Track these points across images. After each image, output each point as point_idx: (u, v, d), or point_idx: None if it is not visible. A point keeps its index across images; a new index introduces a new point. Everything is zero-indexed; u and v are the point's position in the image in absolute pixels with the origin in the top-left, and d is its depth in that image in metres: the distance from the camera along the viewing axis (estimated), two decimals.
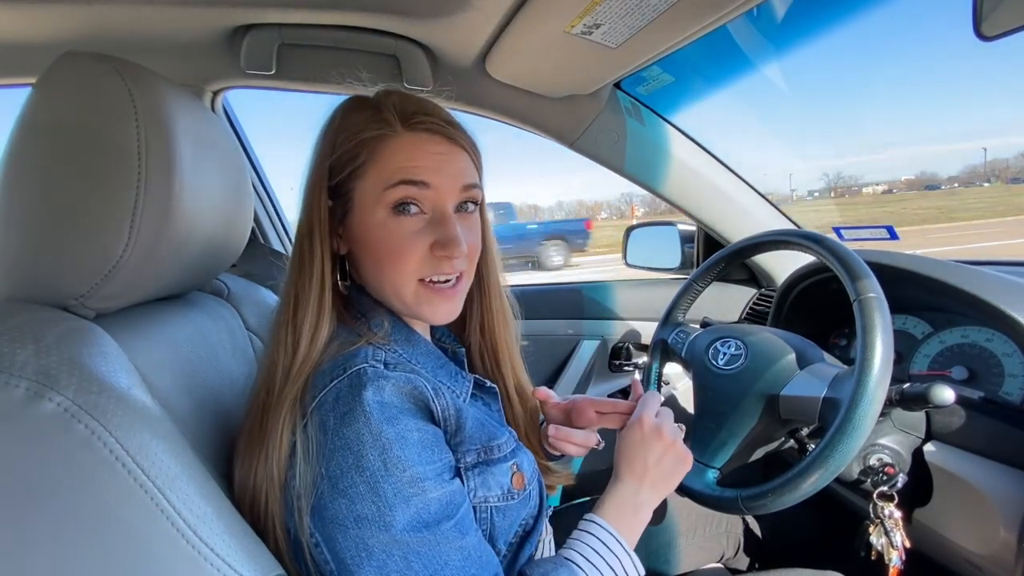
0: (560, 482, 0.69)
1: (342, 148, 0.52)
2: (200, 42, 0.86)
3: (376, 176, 0.51)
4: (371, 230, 0.52)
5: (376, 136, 0.51)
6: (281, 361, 0.49)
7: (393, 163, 0.51)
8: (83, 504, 0.35)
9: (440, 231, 0.52)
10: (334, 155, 0.52)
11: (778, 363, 0.72)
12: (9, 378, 0.34)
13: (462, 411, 0.51)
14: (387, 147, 0.51)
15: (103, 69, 0.44)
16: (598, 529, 0.54)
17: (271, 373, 0.49)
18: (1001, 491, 0.65)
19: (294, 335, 0.49)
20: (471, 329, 0.66)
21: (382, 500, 0.42)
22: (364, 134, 0.51)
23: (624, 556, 0.54)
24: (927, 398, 0.61)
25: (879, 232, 1.04)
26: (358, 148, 0.51)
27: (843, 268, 0.68)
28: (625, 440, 0.60)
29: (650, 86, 1.06)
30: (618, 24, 0.70)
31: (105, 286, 0.44)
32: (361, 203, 0.52)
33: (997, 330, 0.77)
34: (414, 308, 0.54)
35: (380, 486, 0.43)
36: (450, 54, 0.89)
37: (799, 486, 0.61)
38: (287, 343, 0.49)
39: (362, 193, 0.52)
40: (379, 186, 0.51)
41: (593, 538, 0.54)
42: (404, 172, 0.50)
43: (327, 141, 0.53)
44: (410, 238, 0.51)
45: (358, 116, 0.53)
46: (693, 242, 1.36)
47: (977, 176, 43.14)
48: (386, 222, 0.51)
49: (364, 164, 0.51)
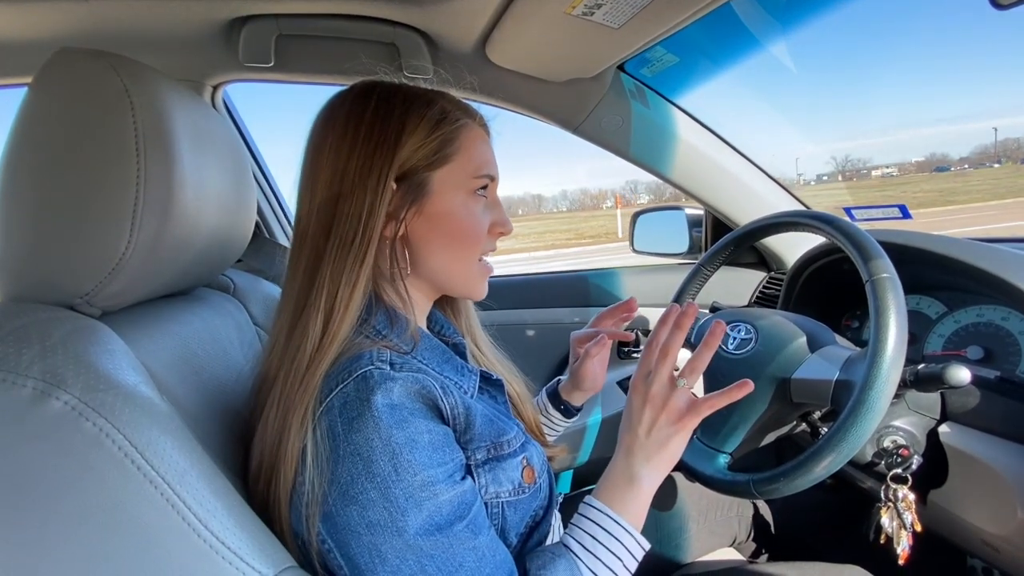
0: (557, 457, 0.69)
1: (421, 135, 0.52)
2: (197, 36, 0.85)
3: (462, 165, 0.54)
4: (453, 212, 0.54)
5: (461, 126, 0.55)
6: (308, 344, 0.47)
7: (478, 155, 0.56)
8: (94, 502, 0.35)
9: (497, 213, 0.59)
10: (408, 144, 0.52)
11: (789, 346, 0.71)
12: (16, 378, 0.34)
13: (471, 408, 0.51)
14: (470, 137, 0.55)
15: (98, 66, 0.44)
16: (593, 512, 0.53)
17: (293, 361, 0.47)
18: (1018, 471, 0.65)
19: (327, 317, 0.48)
20: (459, 324, 0.67)
21: (394, 506, 0.42)
22: (446, 126, 0.54)
23: (623, 534, 0.52)
24: (942, 379, 0.60)
25: (891, 212, 1.02)
26: (444, 139, 0.53)
27: (855, 248, 0.66)
28: (625, 408, 0.58)
29: (654, 67, 1.04)
30: (620, 4, 0.69)
31: (109, 284, 0.44)
32: (441, 188, 0.54)
33: (1013, 308, 0.76)
34: (472, 285, 0.59)
35: (391, 491, 0.42)
36: (449, 40, 0.88)
37: (812, 470, 0.60)
38: (315, 325, 0.48)
39: (445, 178, 0.54)
40: (468, 173, 0.55)
41: (588, 522, 0.53)
42: (488, 167, 0.56)
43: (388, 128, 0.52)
44: (483, 219, 0.57)
45: (427, 107, 0.54)
46: (701, 226, 1.34)
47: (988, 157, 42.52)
48: (466, 203, 0.55)
49: (448, 155, 0.54)
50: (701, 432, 0.76)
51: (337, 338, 0.48)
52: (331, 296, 0.49)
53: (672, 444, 0.54)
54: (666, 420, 0.54)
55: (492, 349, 0.69)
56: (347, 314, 0.49)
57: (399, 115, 0.53)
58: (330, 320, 0.48)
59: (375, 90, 0.54)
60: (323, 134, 0.53)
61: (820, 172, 49.75)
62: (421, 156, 0.53)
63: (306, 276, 0.51)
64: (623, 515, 0.53)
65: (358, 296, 0.50)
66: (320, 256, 0.50)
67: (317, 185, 0.52)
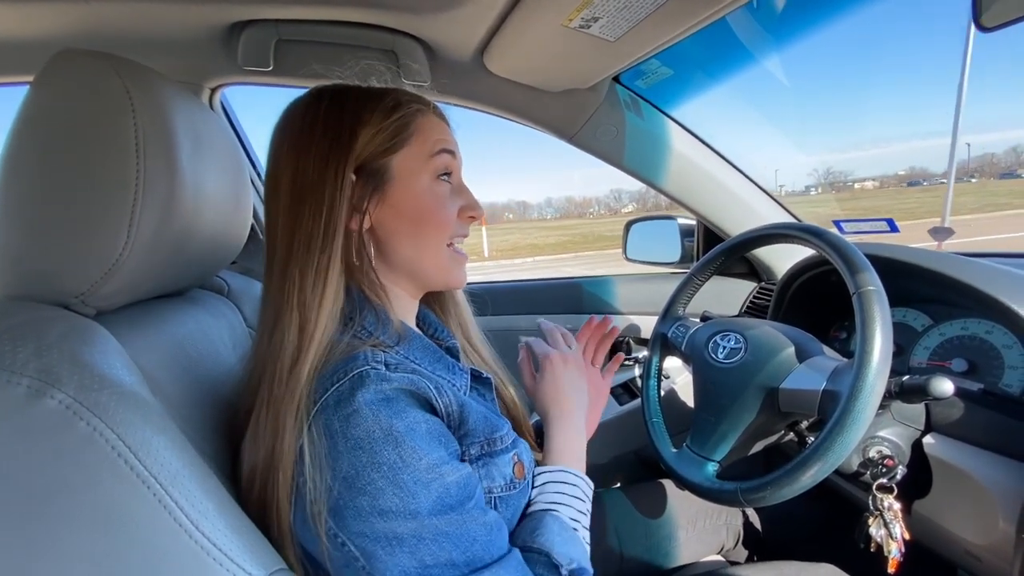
0: None
1: (375, 126, 0.53)
2: (197, 39, 0.85)
3: (419, 147, 0.55)
4: (417, 196, 0.55)
5: (416, 110, 0.56)
6: (288, 343, 0.48)
7: (433, 134, 0.56)
8: (86, 501, 0.35)
9: (465, 196, 0.59)
10: (362, 134, 0.53)
11: (778, 356, 0.72)
12: (11, 376, 0.34)
13: (464, 406, 0.52)
14: (426, 121, 0.56)
15: (100, 67, 0.44)
16: (547, 475, 0.59)
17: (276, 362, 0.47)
18: (1000, 482, 0.66)
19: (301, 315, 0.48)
20: (450, 323, 0.68)
21: (404, 491, 0.43)
22: (403, 110, 0.55)
23: (579, 481, 0.59)
24: (926, 390, 0.61)
25: (879, 225, 1.04)
26: (401, 122, 0.54)
27: (842, 261, 0.68)
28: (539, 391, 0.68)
29: (649, 79, 1.05)
30: (616, 17, 0.70)
31: (105, 284, 0.44)
32: (404, 173, 0.55)
33: (997, 322, 0.77)
34: (445, 273, 0.59)
35: (400, 477, 0.43)
36: (448, 49, 0.89)
37: (798, 479, 0.61)
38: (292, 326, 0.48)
39: (404, 163, 0.55)
40: (425, 154, 0.55)
41: (550, 483, 0.58)
42: (443, 143, 0.57)
43: (342, 123, 0.53)
44: (449, 202, 0.57)
45: (380, 101, 0.55)
46: (693, 236, 1.36)
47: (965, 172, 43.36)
48: (431, 187, 0.56)
49: (405, 138, 0.54)
50: (690, 440, 0.76)
51: (315, 337, 0.48)
52: (302, 293, 0.49)
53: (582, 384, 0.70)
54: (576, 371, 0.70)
55: (486, 346, 0.70)
56: (321, 311, 0.49)
57: (352, 108, 0.54)
58: (305, 319, 0.48)
59: (327, 91, 0.56)
60: (281, 138, 0.54)
61: (799, 184, 50.54)
62: (377, 143, 0.53)
63: (279, 276, 0.51)
64: (571, 465, 0.61)
65: (331, 292, 0.50)
66: (289, 256, 0.51)
67: (280, 188, 0.52)
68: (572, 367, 0.69)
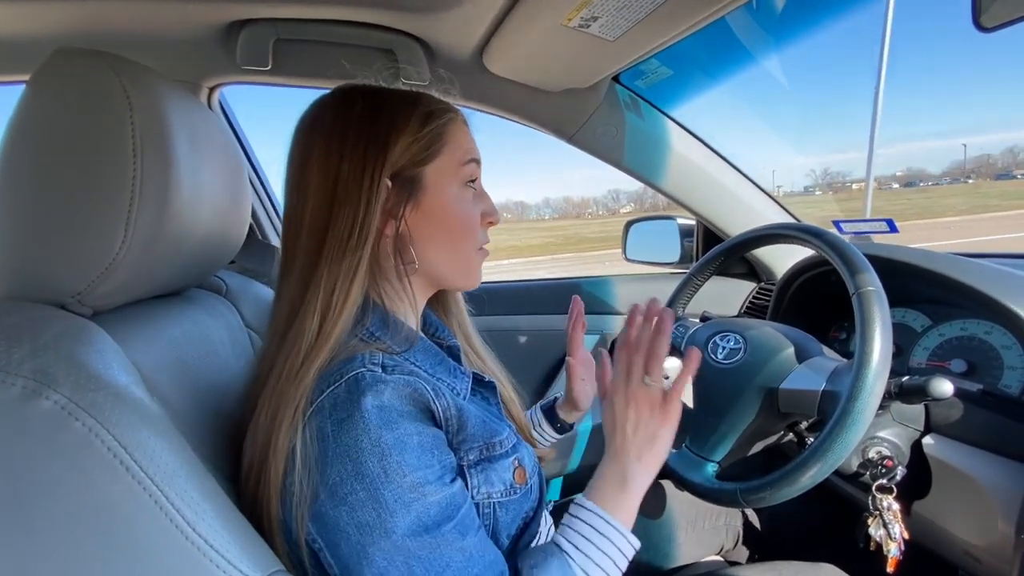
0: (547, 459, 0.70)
1: (411, 135, 0.53)
2: (196, 38, 0.85)
3: (450, 156, 0.56)
4: (449, 205, 0.56)
5: (448, 120, 0.56)
6: (304, 343, 0.48)
7: (463, 143, 0.57)
8: (82, 502, 0.35)
9: (487, 202, 0.60)
10: (399, 142, 0.53)
11: (777, 357, 0.72)
12: (6, 376, 0.34)
13: (463, 410, 0.51)
14: (457, 130, 0.57)
15: (97, 66, 0.44)
16: (584, 512, 0.54)
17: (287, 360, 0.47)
18: (999, 483, 0.66)
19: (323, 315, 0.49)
20: (451, 323, 0.68)
21: (383, 507, 0.42)
22: (435, 121, 0.55)
23: (614, 533, 0.53)
24: (925, 391, 0.61)
25: (879, 225, 1.03)
26: (434, 135, 0.54)
27: (842, 261, 0.68)
28: (603, 411, 0.59)
29: (649, 79, 1.05)
30: (616, 17, 0.70)
31: (102, 284, 0.44)
32: (434, 182, 0.55)
33: (996, 323, 0.77)
34: (473, 274, 0.60)
35: (380, 493, 0.43)
36: (447, 48, 0.89)
37: (798, 479, 0.61)
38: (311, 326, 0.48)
39: (436, 172, 0.55)
40: (456, 162, 0.56)
41: (580, 522, 0.53)
42: (471, 152, 0.58)
43: (378, 129, 0.53)
44: (475, 209, 0.58)
45: (414, 107, 0.55)
46: (693, 236, 1.36)
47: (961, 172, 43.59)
48: (460, 195, 0.56)
49: (438, 148, 0.55)
50: (690, 441, 0.76)
51: (331, 337, 0.48)
52: (328, 295, 0.49)
53: (660, 439, 0.56)
54: (650, 415, 0.55)
55: (485, 349, 0.69)
56: (343, 313, 0.49)
57: (387, 115, 0.53)
58: (326, 319, 0.49)
59: (359, 92, 0.55)
60: (310, 139, 0.53)
61: (796, 185, 50.83)
62: (413, 152, 0.53)
63: (301, 278, 0.51)
64: (614, 515, 0.53)
65: (355, 295, 0.50)
66: (316, 258, 0.51)
67: (308, 190, 0.52)
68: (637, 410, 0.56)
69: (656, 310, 0.58)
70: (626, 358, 0.57)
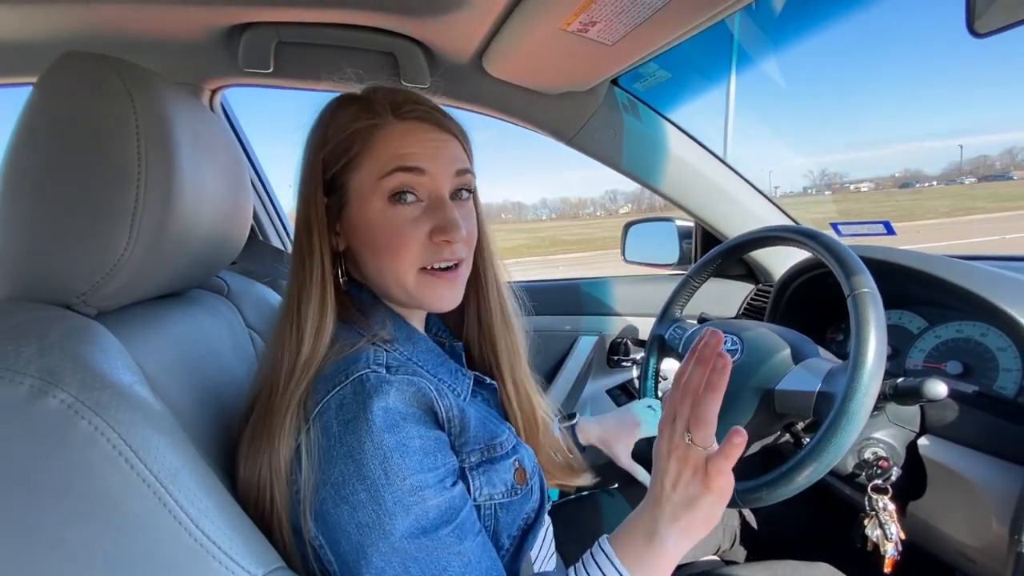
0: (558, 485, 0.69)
1: (334, 141, 0.52)
2: (198, 41, 0.86)
3: (371, 166, 0.51)
4: (369, 221, 0.52)
5: (368, 126, 0.51)
6: (285, 359, 0.49)
7: (387, 152, 0.51)
8: (87, 499, 0.35)
9: (438, 216, 0.52)
10: (326, 149, 0.52)
11: (774, 358, 0.73)
12: (13, 375, 0.35)
13: (465, 411, 0.52)
14: (380, 137, 0.51)
15: (102, 69, 0.44)
16: (603, 558, 0.49)
17: (275, 371, 0.49)
18: (994, 484, 0.66)
19: (298, 333, 0.49)
20: (469, 323, 0.66)
21: (382, 508, 0.43)
22: (355, 125, 0.51)
23: None
24: (920, 392, 0.62)
25: (876, 228, 1.04)
26: (350, 140, 0.51)
27: (838, 264, 0.68)
28: (653, 452, 0.51)
29: (647, 82, 1.06)
30: (614, 21, 0.71)
31: (106, 284, 0.45)
32: (357, 195, 0.52)
33: (991, 325, 0.78)
34: (417, 297, 0.54)
35: (381, 495, 0.43)
36: (447, 52, 0.90)
37: (794, 479, 0.61)
38: (291, 341, 0.49)
39: (358, 185, 0.52)
40: (374, 175, 0.51)
41: (594, 565, 0.49)
42: (398, 160, 0.51)
43: (318, 137, 0.53)
44: (409, 226, 0.51)
45: (348, 110, 0.53)
46: (691, 238, 1.36)
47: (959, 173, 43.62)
48: (384, 211, 0.51)
49: (357, 156, 0.51)
50: None
51: (316, 349, 0.49)
52: (301, 307, 0.51)
53: (699, 507, 0.47)
54: (692, 476, 0.47)
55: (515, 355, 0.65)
56: (321, 328, 0.50)
57: (324, 122, 0.54)
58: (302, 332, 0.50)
59: (334, 100, 0.56)
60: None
61: (794, 186, 50.73)
62: (331, 161, 0.52)
63: (288, 288, 0.53)
64: (633, 572, 0.48)
65: (324, 308, 0.51)
66: (293, 269, 0.53)
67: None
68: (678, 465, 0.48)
69: (712, 352, 0.47)
70: (674, 403, 0.49)
